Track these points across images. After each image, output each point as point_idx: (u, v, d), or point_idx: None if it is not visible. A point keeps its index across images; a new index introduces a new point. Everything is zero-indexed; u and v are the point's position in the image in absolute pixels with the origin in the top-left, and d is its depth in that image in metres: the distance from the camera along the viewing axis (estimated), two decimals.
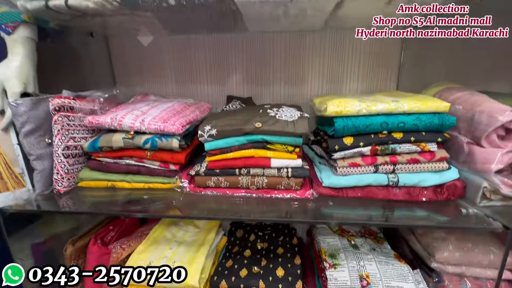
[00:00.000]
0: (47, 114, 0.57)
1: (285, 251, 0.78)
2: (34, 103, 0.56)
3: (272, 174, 0.57)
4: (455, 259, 0.64)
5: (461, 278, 0.66)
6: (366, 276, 0.67)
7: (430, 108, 0.53)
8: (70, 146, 0.60)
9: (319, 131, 0.74)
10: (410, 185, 0.55)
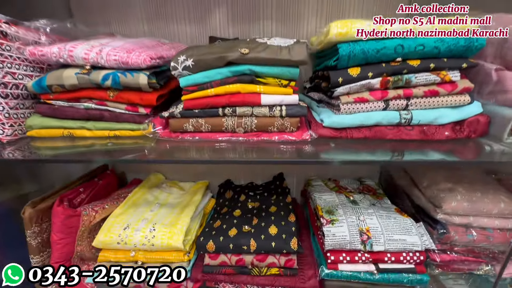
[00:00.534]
0: None
1: (278, 209, 0.72)
2: None
3: (262, 114, 0.47)
4: (463, 209, 0.59)
5: (467, 229, 0.61)
6: (366, 230, 0.61)
7: (455, 27, 0.43)
8: (8, 83, 0.48)
9: (317, 73, 0.63)
10: (425, 123, 0.47)
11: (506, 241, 0.61)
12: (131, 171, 0.93)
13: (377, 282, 0.61)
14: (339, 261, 0.61)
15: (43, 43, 0.52)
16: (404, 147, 0.46)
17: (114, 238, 0.62)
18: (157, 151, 0.48)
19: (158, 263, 0.64)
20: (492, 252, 0.64)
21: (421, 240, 0.59)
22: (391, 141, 0.47)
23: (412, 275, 0.60)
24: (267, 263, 0.61)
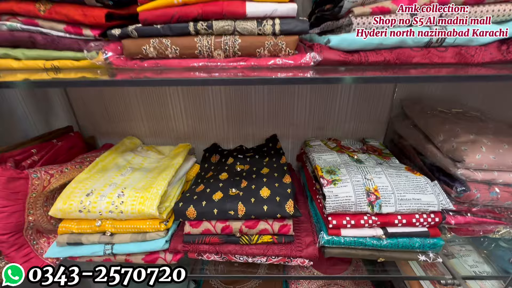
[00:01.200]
0: None
1: (271, 170, 0.62)
2: None
3: (249, 31, 0.35)
4: (489, 163, 0.50)
5: (490, 186, 0.53)
6: (374, 190, 0.52)
7: None
8: None
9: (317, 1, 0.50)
10: (460, 44, 0.35)
11: None
12: (104, 135, 0.81)
13: (384, 248, 0.53)
14: (342, 226, 0.52)
15: None
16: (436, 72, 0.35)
17: (75, 205, 0.52)
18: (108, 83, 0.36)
19: (129, 233, 0.54)
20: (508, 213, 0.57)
21: (438, 199, 0.51)
22: (417, 66, 0.36)
23: (424, 239, 0.52)
24: (258, 229, 0.52)
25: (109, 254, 0.55)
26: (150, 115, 0.76)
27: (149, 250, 0.55)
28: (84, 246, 0.55)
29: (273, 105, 0.73)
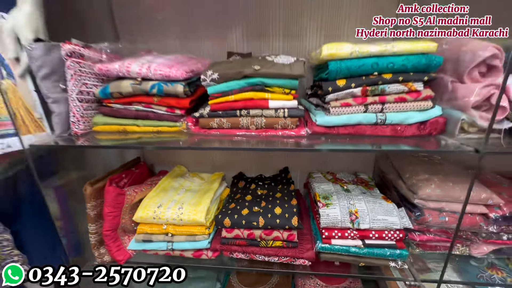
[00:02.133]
0: (60, 60, 0.62)
1: (283, 195, 0.86)
2: (47, 48, 0.60)
3: (270, 115, 0.62)
4: (436, 196, 0.71)
5: (440, 212, 0.73)
6: (355, 211, 0.74)
7: (418, 48, 0.57)
8: (83, 91, 0.65)
9: (315, 83, 0.78)
10: (396, 123, 0.60)
11: (476, 224, 0.72)
12: (159, 163, 1.10)
13: (363, 255, 0.73)
14: (332, 237, 0.74)
15: (105, 60, 0.69)
16: (379, 141, 0.59)
17: (150, 214, 0.78)
18: (188, 142, 0.64)
19: (185, 235, 0.79)
20: (466, 234, 0.76)
21: (400, 220, 0.71)
22: (369, 137, 0.60)
23: (393, 250, 0.72)
24: (273, 236, 0.75)
25: (170, 249, 0.80)
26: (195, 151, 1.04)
27: (197, 248, 0.79)
28: (153, 243, 0.80)
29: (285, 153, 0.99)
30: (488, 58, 0.51)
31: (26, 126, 0.64)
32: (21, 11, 0.61)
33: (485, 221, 0.72)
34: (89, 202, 0.75)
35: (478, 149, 0.50)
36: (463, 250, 0.77)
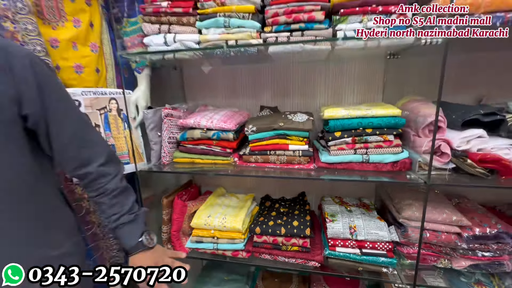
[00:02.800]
0: (160, 118, 1.01)
1: (300, 212, 1.13)
2: (154, 112, 0.99)
3: (289, 154, 0.93)
4: (416, 217, 0.93)
5: (424, 231, 0.94)
6: (354, 226, 0.99)
7: (389, 113, 0.86)
8: (171, 137, 1.03)
9: (323, 129, 1.08)
10: (376, 162, 0.87)
11: (452, 241, 0.92)
12: (205, 185, 1.44)
13: (361, 261, 0.96)
14: (336, 245, 0.98)
15: (183, 116, 1.08)
16: (366, 174, 0.87)
17: (202, 221, 1.09)
18: (235, 171, 0.96)
19: (226, 238, 1.08)
20: (446, 249, 0.95)
21: (389, 235, 0.94)
22: (359, 171, 0.88)
23: (384, 258, 0.94)
24: (291, 243, 1.01)
25: (215, 249, 1.09)
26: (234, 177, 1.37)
27: (235, 249, 1.07)
28: (204, 243, 1.10)
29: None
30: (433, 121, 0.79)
31: (135, 158, 1.03)
32: (139, 90, 1.03)
33: (459, 239, 0.92)
34: (164, 210, 1.09)
35: (426, 182, 0.76)
36: (446, 264, 0.96)
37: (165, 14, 0.93)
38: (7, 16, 0.75)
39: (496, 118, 0.78)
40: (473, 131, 0.77)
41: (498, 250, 0.90)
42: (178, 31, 0.94)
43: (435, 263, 0.97)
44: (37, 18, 0.82)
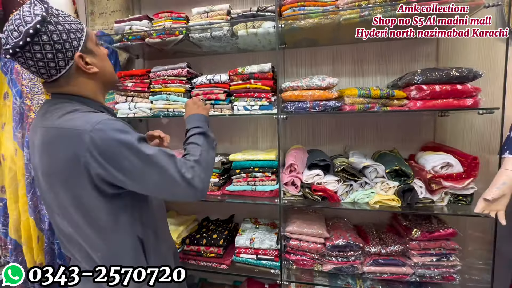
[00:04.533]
0: None
1: (222, 229, 1.50)
2: None
3: None
4: (295, 231, 1.31)
5: (299, 241, 1.31)
6: (253, 238, 1.36)
7: (268, 158, 1.29)
8: None
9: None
10: (260, 190, 1.29)
11: (319, 249, 1.28)
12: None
13: (257, 264, 1.32)
14: (240, 252, 1.35)
15: None
16: (253, 199, 1.28)
17: None
18: None
19: None
20: (317, 255, 1.31)
21: (275, 244, 1.31)
22: (249, 197, 1.29)
23: (272, 262, 1.30)
24: (209, 250, 1.38)
25: None
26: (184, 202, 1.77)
27: None
28: None
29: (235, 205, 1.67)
30: (290, 164, 1.22)
31: None
32: None
33: (324, 248, 1.29)
34: None
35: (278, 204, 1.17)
36: (319, 267, 1.31)
37: (130, 91, 1.43)
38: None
39: (327, 163, 1.22)
40: (314, 171, 1.21)
41: (352, 256, 1.27)
42: (137, 101, 1.43)
43: (312, 267, 1.32)
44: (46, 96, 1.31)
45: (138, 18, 1.37)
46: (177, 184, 0.64)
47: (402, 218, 1.34)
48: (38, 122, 0.68)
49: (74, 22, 0.66)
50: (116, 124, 0.62)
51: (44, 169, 0.65)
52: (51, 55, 0.62)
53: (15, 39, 0.58)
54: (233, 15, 1.27)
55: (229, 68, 1.31)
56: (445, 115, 1.30)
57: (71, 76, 0.67)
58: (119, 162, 0.60)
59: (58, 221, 0.69)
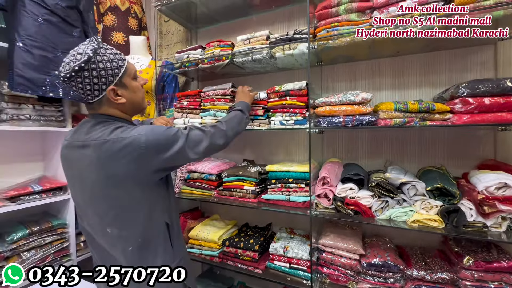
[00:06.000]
0: None
1: (259, 235, 1.60)
2: None
3: (243, 192, 1.48)
4: (329, 244, 1.31)
5: (333, 255, 1.29)
6: (287, 247, 1.41)
7: (301, 170, 1.35)
8: (181, 176, 1.71)
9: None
10: (293, 200, 1.35)
11: (354, 266, 1.26)
12: (208, 212, 2.04)
13: (289, 273, 1.36)
14: (274, 259, 1.41)
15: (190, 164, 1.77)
16: (287, 208, 1.34)
17: (195, 234, 1.67)
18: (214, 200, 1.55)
19: (207, 247, 1.61)
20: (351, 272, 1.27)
21: (308, 255, 1.33)
22: (283, 206, 1.37)
23: (304, 272, 1.32)
24: (246, 254, 1.48)
25: (200, 254, 1.62)
26: (224, 208, 1.94)
27: (212, 255, 1.59)
28: (194, 249, 1.65)
29: (272, 213, 1.76)
30: (323, 176, 1.26)
31: None
32: None
33: (359, 265, 1.25)
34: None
35: (310, 214, 1.20)
36: (353, 285, 1.28)
37: (185, 108, 1.70)
38: None
39: (362, 177, 1.21)
40: (347, 184, 1.21)
41: (391, 278, 1.21)
42: (190, 117, 1.69)
43: (346, 283, 1.30)
44: None
45: (194, 48, 1.64)
46: (210, 147, 0.94)
47: (453, 243, 1.21)
48: (81, 137, 0.80)
49: (117, 60, 0.80)
50: (155, 128, 0.82)
51: (107, 176, 0.76)
52: (89, 86, 0.77)
53: (66, 71, 0.75)
54: (271, 40, 1.41)
55: (270, 86, 1.44)
56: (507, 129, 1.15)
57: (103, 103, 0.82)
58: (168, 148, 0.80)
59: (100, 226, 0.80)
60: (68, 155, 0.84)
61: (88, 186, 0.79)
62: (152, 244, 0.82)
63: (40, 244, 1.49)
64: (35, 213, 1.66)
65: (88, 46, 0.77)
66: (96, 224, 0.81)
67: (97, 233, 0.82)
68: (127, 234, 0.79)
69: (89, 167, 0.77)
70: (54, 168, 1.73)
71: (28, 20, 1.33)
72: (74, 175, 0.84)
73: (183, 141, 0.83)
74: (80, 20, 1.58)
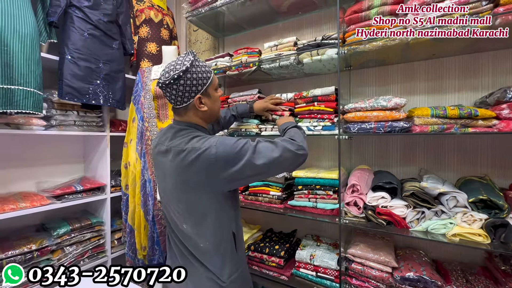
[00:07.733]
0: None
1: (284, 241, 1.58)
2: None
3: (269, 197, 1.48)
4: (358, 254, 1.26)
5: (362, 266, 1.24)
6: (313, 255, 1.38)
7: (329, 177, 1.33)
8: None
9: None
10: (321, 208, 1.32)
11: (385, 279, 1.20)
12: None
13: (316, 282, 1.33)
14: (300, 267, 1.39)
15: None
16: (314, 215, 1.32)
17: None
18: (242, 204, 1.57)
19: None
20: (382, 285, 1.22)
21: (336, 265, 1.30)
22: (309, 213, 1.34)
23: (331, 282, 1.29)
24: (271, 260, 1.48)
25: None
26: (249, 213, 1.96)
27: None
28: None
29: (297, 219, 1.74)
30: (352, 184, 1.22)
31: None
32: None
33: (391, 278, 1.20)
34: None
35: (340, 222, 1.17)
36: None
37: None
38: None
39: (394, 186, 1.15)
40: (378, 193, 1.17)
41: None
42: None
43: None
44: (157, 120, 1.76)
45: (222, 55, 1.70)
46: (283, 157, 0.87)
47: (500, 261, 1.11)
48: (166, 142, 0.91)
49: (206, 72, 0.90)
50: (226, 140, 0.83)
51: (183, 182, 0.85)
52: (181, 93, 0.87)
53: (165, 79, 0.85)
54: (299, 46, 1.42)
55: (297, 91, 1.44)
56: None
57: (188, 109, 0.91)
58: (236, 162, 0.80)
59: (178, 221, 0.90)
60: (156, 157, 0.97)
61: (168, 186, 0.91)
62: (222, 249, 0.90)
63: (80, 240, 1.61)
64: (76, 211, 1.80)
65: (186, 58, 0.87)
66: (175, 218, 0.92)
67: (176, 226, 0.93)
68: (198, 233, 0.87)
69: (169, 172, 0.89)
70: (93, 170, 1.87)
71: (76, 35, 1.46)
72: (159, 175, 0.97)
73: (249, 153, 0.82)
74: (119, 33, 1.71)
